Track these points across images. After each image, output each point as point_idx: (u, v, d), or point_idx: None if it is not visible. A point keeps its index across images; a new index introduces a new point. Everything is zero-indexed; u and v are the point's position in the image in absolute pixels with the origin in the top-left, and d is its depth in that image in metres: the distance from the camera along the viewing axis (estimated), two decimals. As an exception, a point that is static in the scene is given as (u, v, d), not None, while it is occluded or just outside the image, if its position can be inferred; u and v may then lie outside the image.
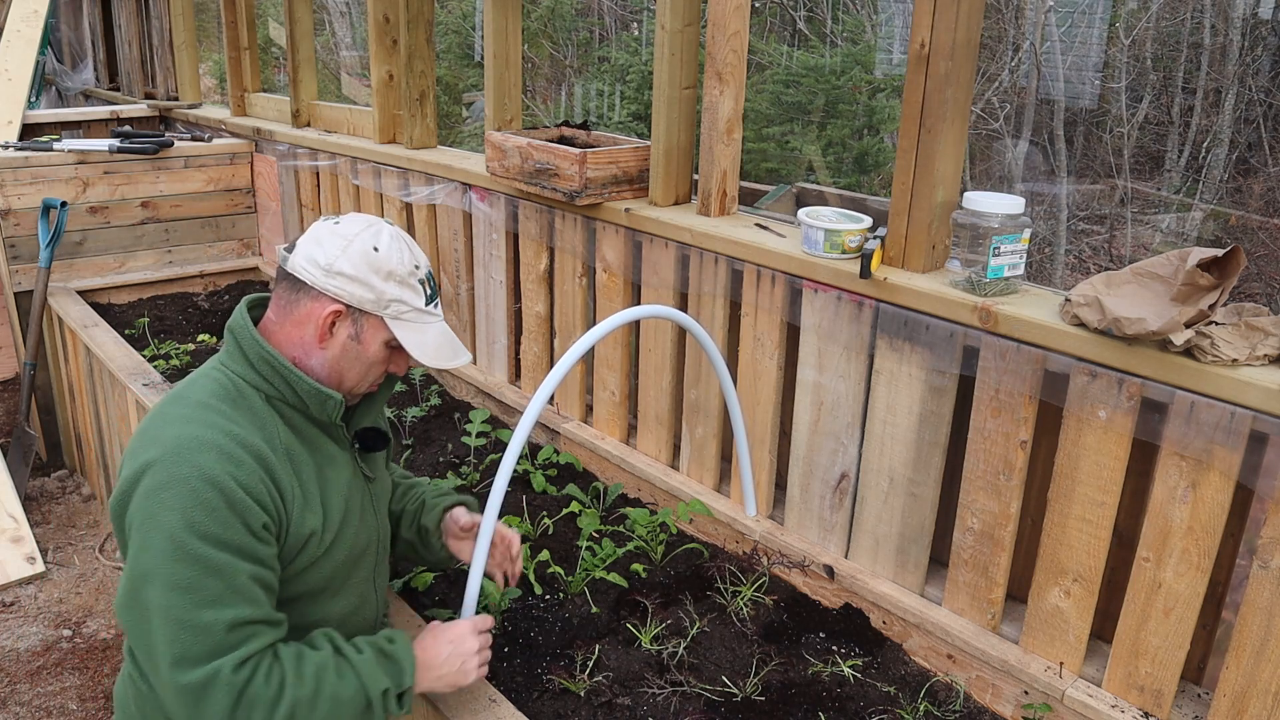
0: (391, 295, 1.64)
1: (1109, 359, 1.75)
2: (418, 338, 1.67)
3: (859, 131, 7.40)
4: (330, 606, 1.73)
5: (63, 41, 7.81)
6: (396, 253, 1.64)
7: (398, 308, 1.65)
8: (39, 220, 4.09)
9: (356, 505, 1.75)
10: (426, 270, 1.70)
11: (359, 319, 1.65)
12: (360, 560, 1.78)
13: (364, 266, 1.61)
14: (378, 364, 1.70)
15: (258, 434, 1.56)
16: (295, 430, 1.65)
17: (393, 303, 1.64)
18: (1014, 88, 9.03)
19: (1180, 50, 9.40)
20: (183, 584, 1.43)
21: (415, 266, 1.67)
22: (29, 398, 4.26)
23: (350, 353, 1.66)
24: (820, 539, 2.37)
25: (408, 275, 1.65)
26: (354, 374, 1.68)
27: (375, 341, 1.66)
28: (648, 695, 2.00)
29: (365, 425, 1.80)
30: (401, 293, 1.65)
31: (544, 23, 9.52)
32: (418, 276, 1.67)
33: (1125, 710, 1.85)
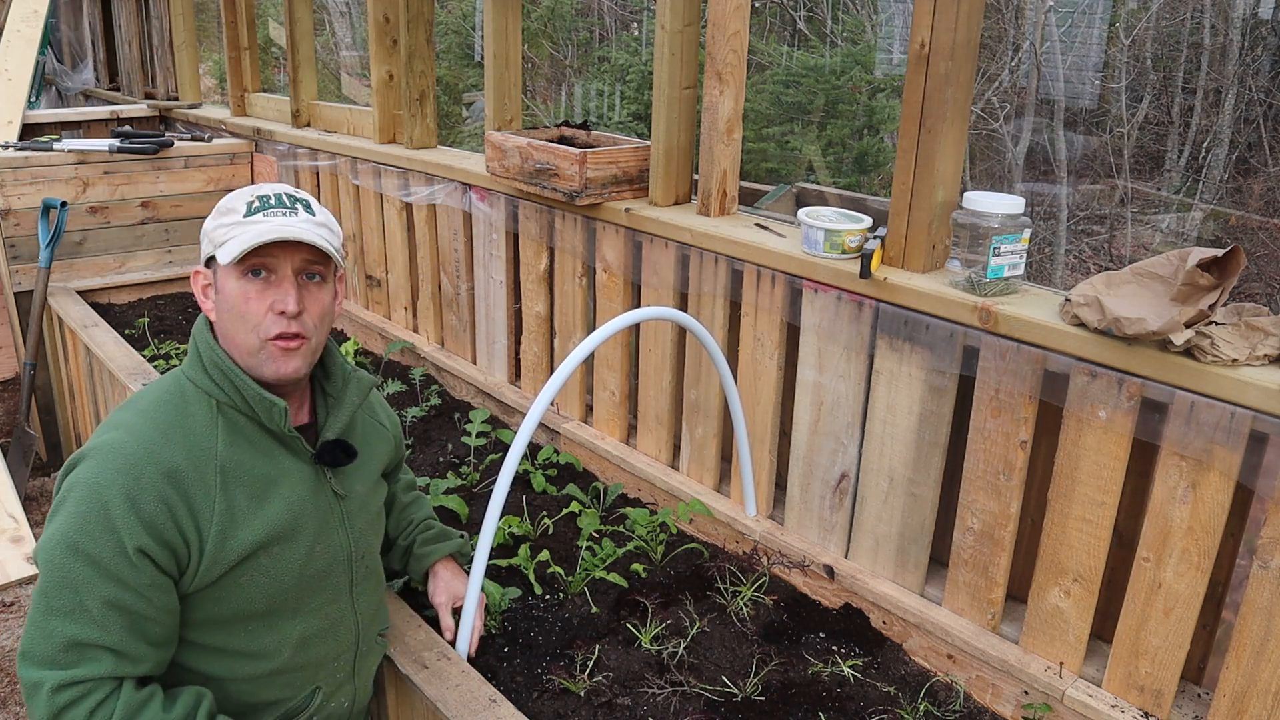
0: (214, 226, 1.55)
1: (1109, 359, 1.75)
2: (230, 246, 1.50)
3: (859, 131, 7.40)
4: (287, 629, 1.62)
5: (63, 41, 7.81)
6: (233, 195, 1.57)
7: (220, 235, 1.53)
8: (39, 220, 4.09)
9: (313, 523, 1.62)
10: (270, 193, 1.56)
11: (214, 273, 1.57)
12: (323, 581, 1.66)
13: (207, 221, 1.57)
14: (247, 308, 1.52)
15: (181, 451, 1.49)
16: (245, 441, 1.56)
17: (216, 231, 1.54)
18: (1014, 88, 9.03)
19: (1180, 50, 9.40)
20: (44, 584, 1.42)
21: (253, 194, 1.56)
22: (29, 398, 4.26)
23: (222, 309, 1.55)
24: (820, 539, 2.37)
25: (232, 202, 1.55)
26: (240, 334, 1.54)
27: (227, 280, 1.53)
28: (648, 695, 2.00)
29: (330, 438, 1.67)
30: (223, 220, 1.54)
31: (544, 23, 9.51)
32: (247, 198, 1.55)
33: (1125, 710, 1.85)
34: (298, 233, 1.50)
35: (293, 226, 1.51)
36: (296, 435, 1.60)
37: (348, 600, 1.72)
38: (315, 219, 1.56)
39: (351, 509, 1.71)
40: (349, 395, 1.70)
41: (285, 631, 1.62)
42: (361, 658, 1.79)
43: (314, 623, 1.66)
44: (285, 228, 1.50)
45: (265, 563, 1.55)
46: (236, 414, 1.56)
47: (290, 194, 1.57)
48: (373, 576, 1.80)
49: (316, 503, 1.63)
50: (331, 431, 1.67)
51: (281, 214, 1.53)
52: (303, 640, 1.65)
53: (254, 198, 1.55)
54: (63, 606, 1.40)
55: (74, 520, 1.42)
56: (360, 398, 1.72)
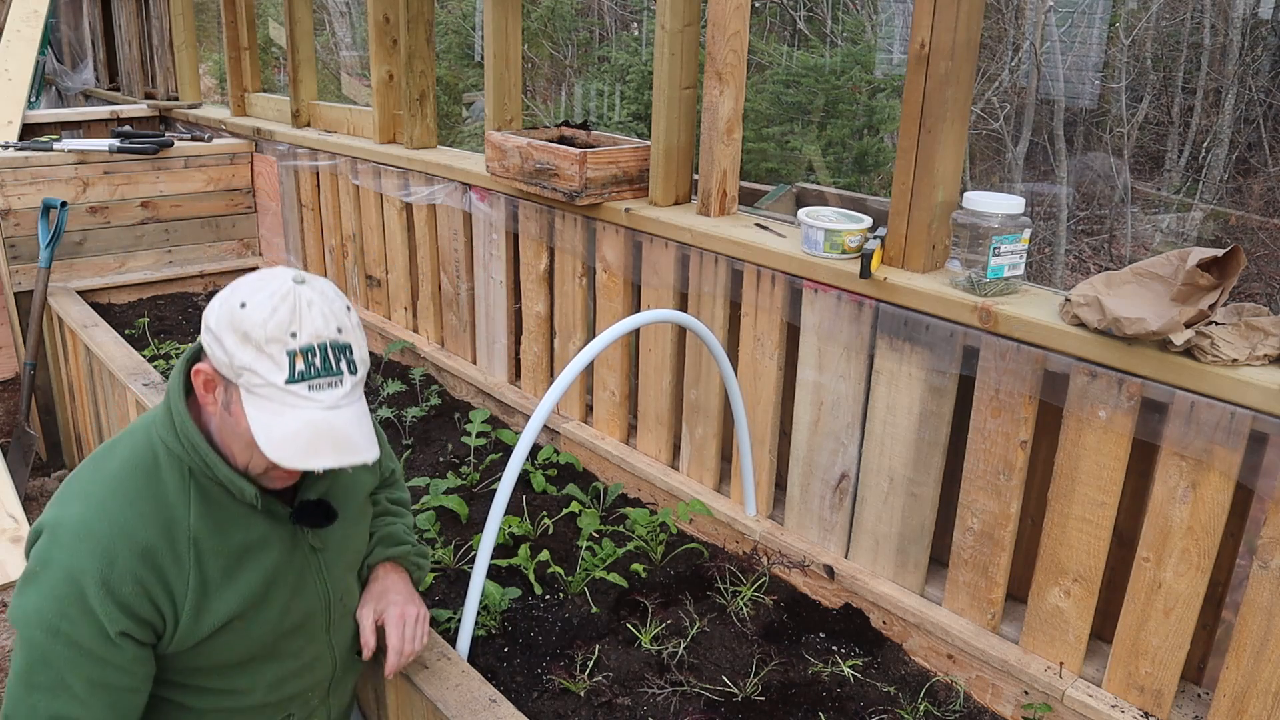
0: (242, 362, 1.36)
1: (1109, 359, 1.75)
2: (268, 419, 1.36)
3: (859, 131, 7.40)
4: (262, 671, 1.61)
5: (63, 41, 7.81)
6: (267, 312, 1.36)
7: (251, 379, 1.37)
8: (39, 220, 4.09)
9: (289, 581, 1.59)
10: (311, 342, 1.37)
11: (229, 386, 1.41)
12: (300, 629, 1.64)
13: (225, 323, 1.38)
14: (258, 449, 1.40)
15: (156, 526, 1.43)
16: (217, 510, 1.49)
17: (244, 371, 1.37)
18: (1014, 88, 9.03)
19: (1180, 50, 9.40)
20: (24, 661, 1.40)
21: (291, 334, 1.36)
22: (29, 398, 4.26)
23: (227, 426, 1.44)
24: (820, 539, 2.37)
25: (267, 341, 1.35)
26: (240, 452, 1.46)
27: (243, 419, 1.40)
28: (648, 695, 2.00)
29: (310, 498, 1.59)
30: (255, 361, 1.36)
31: (544, 23, 9.52)
32: (287, 346, 1.36)
33: (1125, 710, 1.85)
34: (351, 454, 1.39)
35: (345, 428, 1.39)
36: (273, 502, 1.54)
37: (324, 641, 1.70)
38: (357, 378, 1.42)
39: (329, 558, 1.66)
40: None
41: (261, 673, 1.62)
42: (337, 682, 1.78)
43: (290, 664, 1.65)
44: (338, 440, 1.38)
45: (240, 626, 1.53)
46: (209, 483, 1.49)
47: (335, 343, 1.39)
48: (350, 614, 1.76)
49: (292, 561, 1.58)
50: (313, 492, 1.60)
51: (328, 385, 1.38)
52: (278, 680, 1.64)
53: (297, 350, 1.36)
54: (45, 683, 1.39)
55: (51, 603, 1.38)
56: None
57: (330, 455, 1.38)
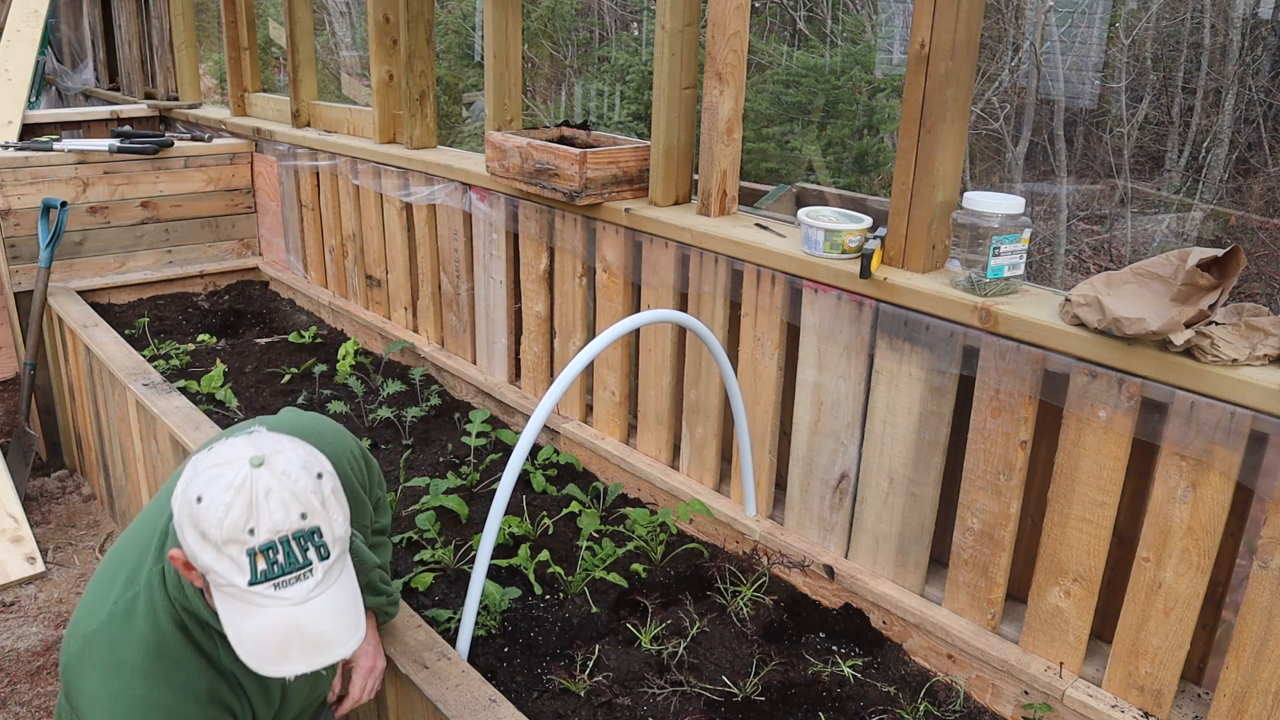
0: (204, 563, 1.30)
1: (1109, 359, 1.75)
2: (236, 619, 1.30)
3: (859, 131, 7.41)
4: None
5: (63, 41, 7.80)
6: (222, 509, 1.28)
7: (216, 579, 1.31)
8: (39, 220, 4.09)
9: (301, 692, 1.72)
10: (271, 538, 1.28)
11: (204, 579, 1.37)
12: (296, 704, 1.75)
13: (184, 517, 1.31)
14: None
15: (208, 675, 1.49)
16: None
17: (208, 571, 1.31)
18: (1014, 88, 9.03)
19: (1180, 50, 9.40)
20: None
21: (249, 531, 1.28)
22: (29, 398, 4.26)
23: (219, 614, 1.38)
24: (820, 539, 2.37)
25: (224, 542, 1.28)
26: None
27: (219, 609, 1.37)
28: (648, 695, 2.00)
29: None
30: (216, 562, 1.29)
31: (544, 23, 9.52)
32: (246, 546, 1.28)
33: (1125, 710, 1.85)
34: (325, 652, 1.33)
35: (318, 624, 1.32)
36: None
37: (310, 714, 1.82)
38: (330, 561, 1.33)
39: None
40: None
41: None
42: None
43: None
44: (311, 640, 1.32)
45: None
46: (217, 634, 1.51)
47: (298, 533, 1.30)
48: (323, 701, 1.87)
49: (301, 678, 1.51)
50: None
51: (296, 579, 1.30)
52: None
53: (256, 549, 1.28)
54: None
55: None
56: None
57: (301, 660, 1.32)
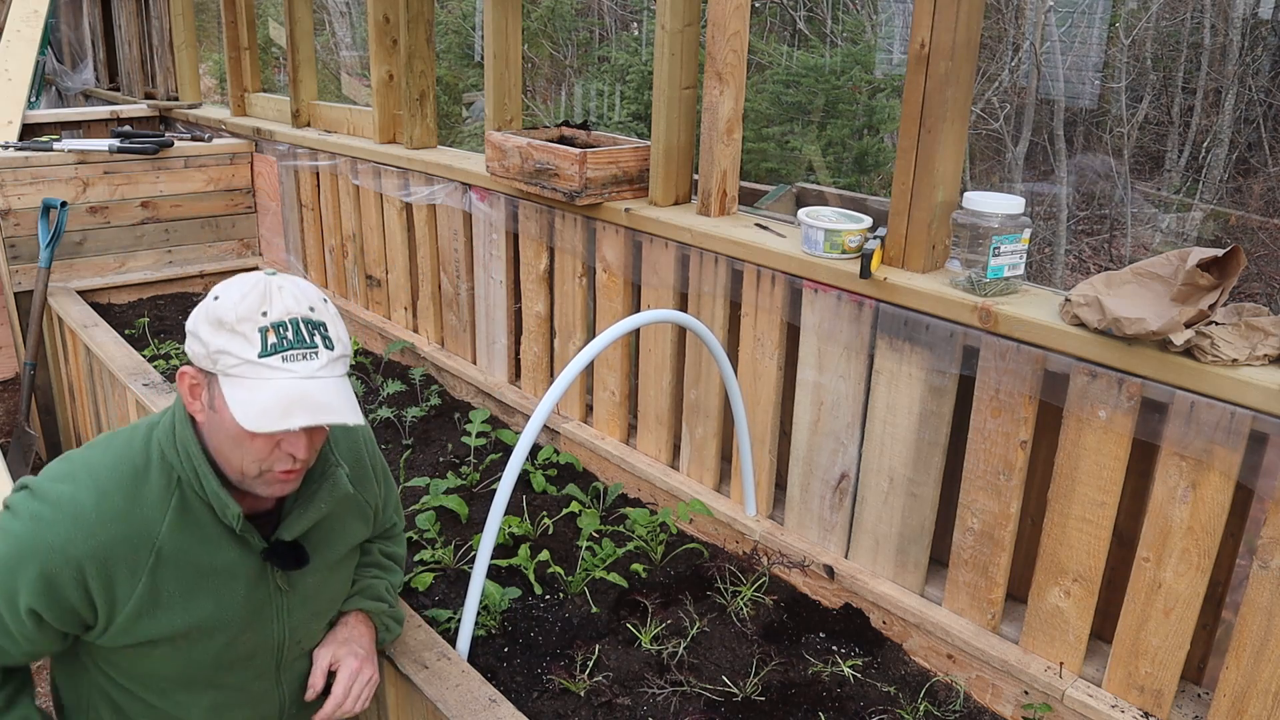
0: (217, 346, 1.36)
1: (1109, 359, 1.75)
2: (245, 396, 1.35)
3: (859, 131, 7.41)
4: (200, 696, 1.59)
5: (63, 41, 7.81)
6: (237, 297, 1.37)
7: (226, 361, 1.35)
8: (39, 220, 4.09)
9: (242, 616, 1.55)
10: (283, 317, 1.37)
11: (211, 384, 1.39)
12: (245, 664, 1.61)
13: (200, 317, 1.39)
14: (249, 443, 1.40)
15: (122, 526, 1.42)
16: (193, 526, 1.47)
17: (220, 356, 1.36)
18: (1014, 88, 9.03)
19: (1180, 50, 9.40)
20: None
21: (262, 313, 1.36)
22: (29, 398, 4.26)
23: (218, 427, 1.41)
24: (820, 539, 2.37)
25: (239, 321, 1.35)
26: (236, 458, 1.43)
27: (228, 411, 1.37)
28: (648, 695, 2.00)
29: (287, 538, 1.55)
30: (229, 342, 1.35)
31: (544, 23, 9.52)
32: (259, 324, 1.35)
33: (1125, 710, 1.85)
34: (329, 414, 1.36)
35: (323, 394, 1.37)
36: (251, 530, 1.51)
37: (272, 679, 1.66)
38: (334, 353, 1.41)
39: (294, 601, 1.61)
40: (318, 499, 1.56)
41: (199, 697, 1.60)
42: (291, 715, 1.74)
43: (231, 695, 1.62)
44: (316, 403, 1.36)
45: (182, 645, 1.51)
46: (193, 495, 1.47)
47: (307, 319, 1.39)
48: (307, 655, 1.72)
49: (252, 596, 1.55)
50: (289, 532, 1.55)
51: (302, 357, 1.37)
52: (216, 706, 1.62)
53: (268, 325, 1.36)
54: None
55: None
56: (330, 505, 1.58)
57: (305, 415, 1.34)
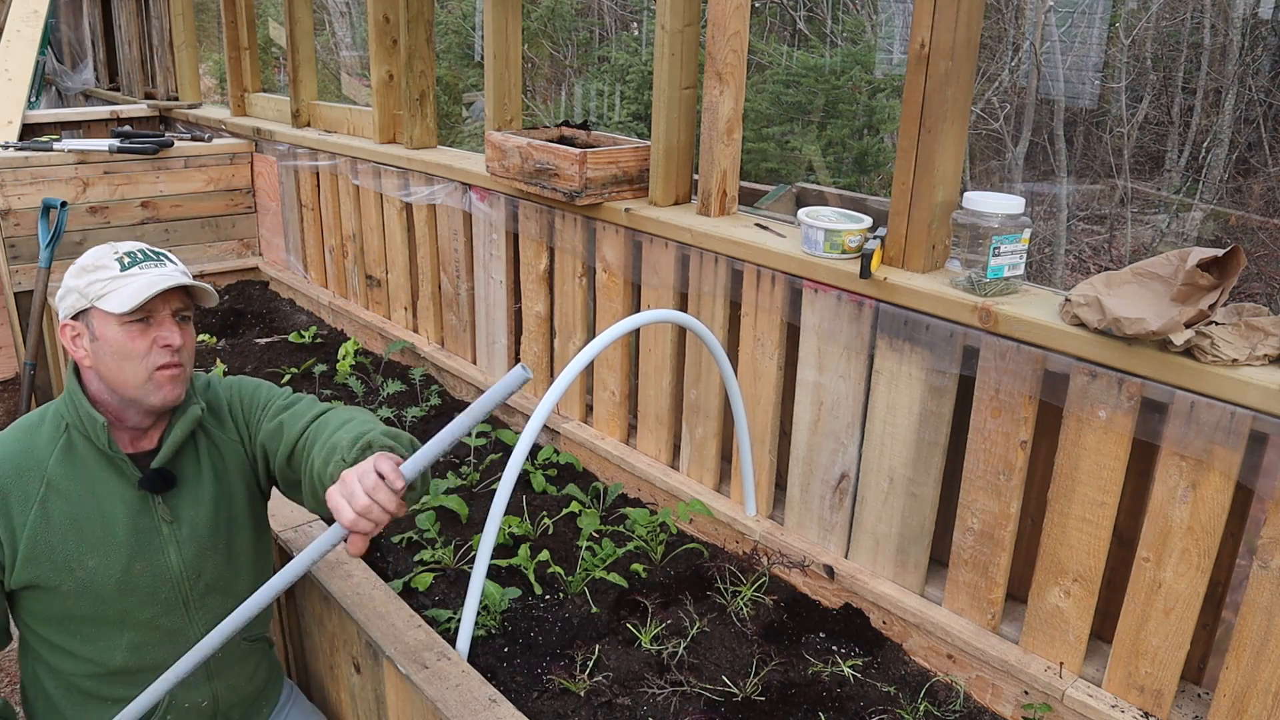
0: (87, 283, 1.69)
1: (1109, 359, 1.75)
2: (117, 297, 1.67)
3: (859, 131, 7.41)
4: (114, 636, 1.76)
5: (63, 41, 7.81)
6: (91, 254, 1.73)
7: (97, 289, 1.68)
8: (39, 220, 4.09)
9: (130, 544, 1.74)
10: (131, 250, 1.73)
11: (87, 322, 1.70)
12: (149, 597, 1.77)
13: (68, 279, 1.72)
14: (133, 347, 1.69)
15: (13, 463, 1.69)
16: (77, 461, 1.72)
17: (90, 288, 1.68)
18: (1014, 88, 9.03)
19: (1180, 50, 9.40)
20: None
21: (113, 253, 1.72)
22: (29, 398, 4.26)
23: (103, 353, 1.69)
24: (820, 539, 2.37)
25: (97, 260, 1.71)
26: (127, 370, 1.69)
27: (108, 328, 1.68)
28: (648, 695, 2.00)
29: (155, 466, 1.77)
30: (95, 275, 1.69)
31: (544, 23, 9.52)
32: (113, 256, 1.71)
33: (1125, 710, 1.85)
34: (181, 279, 1.70)
35: (174, 276, 1.70)
36: (123, 457, 1.73)
37: (181, 615, 1.82)
38: (178, 268, 1.75)
39: (183, 533, 1.80)
40: (176, 428, 1.79)
41: (113, 639, 1.76)
42: (219, 663, 1.86)
43: (144, 633, 1.78)
44: (170, 277, 1.69)
45: (81, 575, 1.70)
46: (79, 435, 1.72)
47: (151, 249, 1.75)
48: (219, 592, 1.86)
49: (137, 525, 1.75)
50: (158, 461, 1.77)
51: (154, 265, 1.72)
52: (133, 647, 1.77)
53: (122, 254, 1.72)
54: None
55: None
56: (185, 431, 1.79)
57: (166, 283, 1.67)
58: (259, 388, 1.96)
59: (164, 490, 1.78)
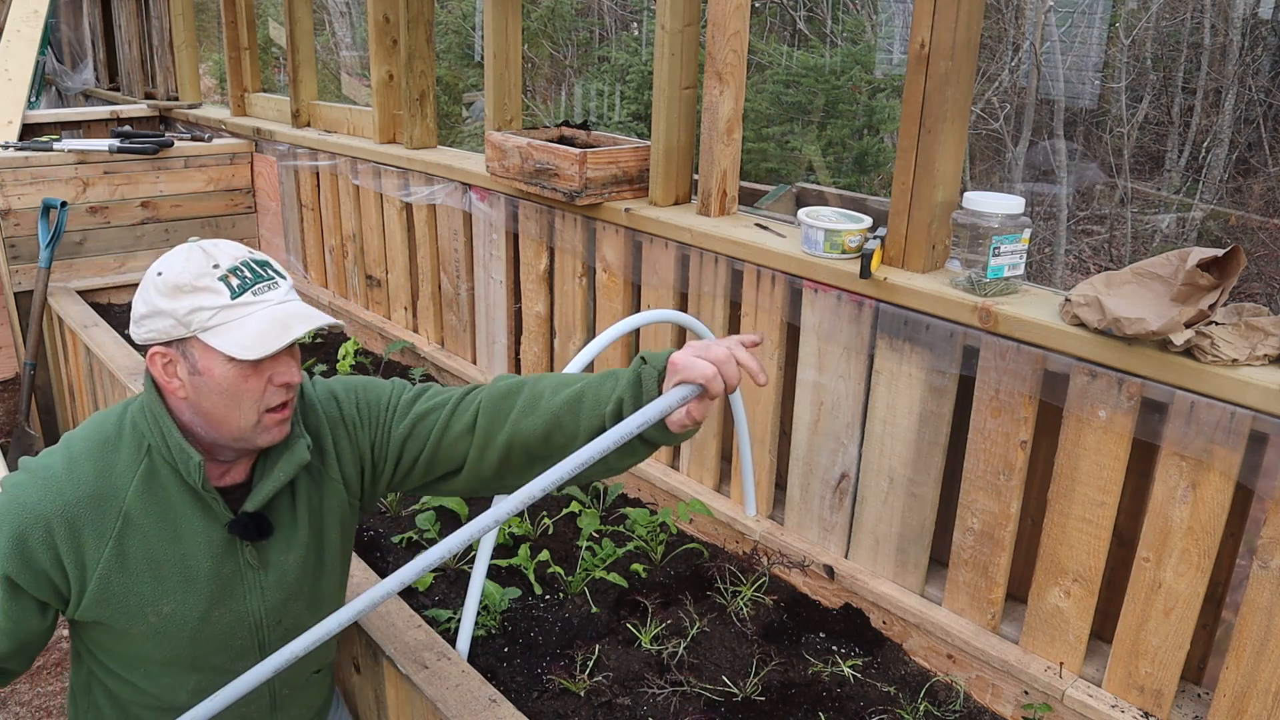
0: (186, 309, 1.43)
1: (1109, 359, 1.75)
2: (235, 336, 1.43)
3: (859, 131, 7.41)
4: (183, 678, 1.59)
5: (63, 41, 7.81)
6: (180, 264, 1.45)
7: (202, 319, 1.43)
8: (39, 220, 4.09)
9: (213, 589, 1.55)
10: (234, 263, 1.46)
11: (187, 351, 1.46)
12: (225, 643, 1.60)
13: (154, 297, 1.45)
14: (246, 388, 1.45)
15: (89, 489, 1.47)
16: (160, 492, 1.51)
17: (192, 316, 1.43)
18: (1014, 88, 9.03)
19: (1180, 50, 9.40)
20: None
21: (213, 266, 1.45)
22: (29, 398, 4.26)
23: (206, 390, 1.46)
24: (820, 539, 2.37)
25: (196, 279, 1.44)
26: (234, 412, 1.47)
27: (215, 364, 1.44)
28: (648, 695, 2.00)
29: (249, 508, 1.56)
30: (196, 299, 1.43)
31: (544, 23, 9.52)
32: (216, 275, 1.45)
33: (1125, 710, 1.85)
34: (315, 320, 1.47)
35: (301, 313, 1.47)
36: (214, 495, 1.53)
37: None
38: (289, 282, 1.52)
39: (268, 580, 1.61)
40: (279, 467, 1.57)
41: (180, 679, 1.60)
42: (284, 700, 1.73)
43: (215, 678, 1.60)
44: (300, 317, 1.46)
45: (154, 621, 1.52)
46: (162, 462, 1.51)
47: (252, 259, 1.49)
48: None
49: (220, 569, 1.56)
50: (251, 504, 1.56)
51: (268, 288, 1.47)
52: (200, 689, 1.60)
53: (227, 273, 1.45)
54: None
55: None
56: (288, 474, 1.57)
57: (300, 325, 1.45)
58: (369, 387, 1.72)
59: (258, 539, 1.57)
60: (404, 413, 1.67)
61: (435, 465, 1.67)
